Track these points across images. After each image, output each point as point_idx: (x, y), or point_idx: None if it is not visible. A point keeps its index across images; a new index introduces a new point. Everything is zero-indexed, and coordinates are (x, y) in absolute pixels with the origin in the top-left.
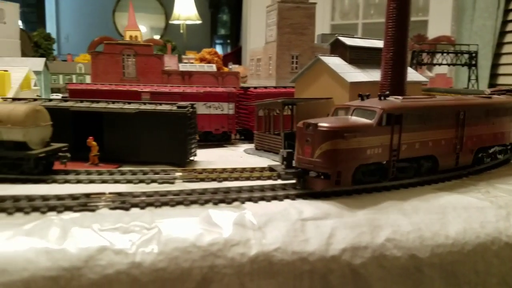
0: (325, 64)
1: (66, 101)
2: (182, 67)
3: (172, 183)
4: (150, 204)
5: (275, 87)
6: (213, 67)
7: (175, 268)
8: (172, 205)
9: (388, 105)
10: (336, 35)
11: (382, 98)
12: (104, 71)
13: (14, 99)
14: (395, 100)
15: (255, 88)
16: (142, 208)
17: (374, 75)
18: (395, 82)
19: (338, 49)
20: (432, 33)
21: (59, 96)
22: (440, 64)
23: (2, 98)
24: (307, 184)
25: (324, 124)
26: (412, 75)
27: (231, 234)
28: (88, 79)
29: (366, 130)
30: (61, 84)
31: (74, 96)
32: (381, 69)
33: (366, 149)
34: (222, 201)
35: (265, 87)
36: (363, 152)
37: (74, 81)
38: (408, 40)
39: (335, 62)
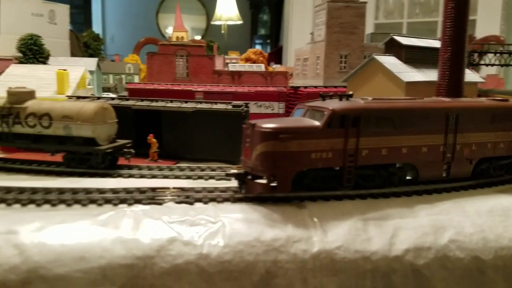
0: (380, 64)
1: (127, 99)
2: (232, 67)
3: (229, 179)
4: (212, 200)
5: (325, 87)
6: (261, 67)
7: (240, 261)
8: (233, 201)
9: (342, 107)
10: (391, 34)
11: (344, 98)
12: (158, 71)
13: (78, 97)
14: (357, 101)
15: (305, 87)
16: (205, 203)
17: (430, 75)
18: (452, 83)
19: (392, 48)
20: (480, 32)
21: (109, 95)
22: (492, 65)
23: (67, 96)
24: (247, 188)
25: (261, 124)
26: (469, 75)
27: (293, 231)
28: (136, 78)
29: (310, 133)
30: (111, 84)
31: (133, 95)
32: (438, 69)
33: (309, 152)
34: (284, 199)
35: (315, 87)
36: (305, 156)
37: (124, 81)
38: (466, 40)
39: (390, 62)
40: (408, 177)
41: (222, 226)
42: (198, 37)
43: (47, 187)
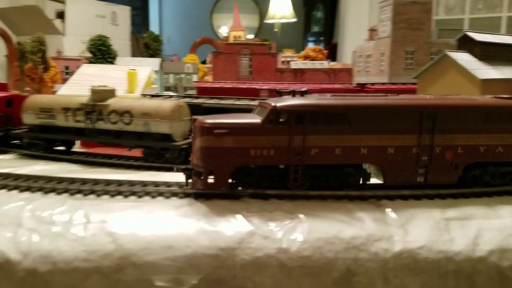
0: (453, 60)
1: (197, 98)
2: (294, 65)
3: None
4: (287, 196)
5: (393, 83)
6: (324, 64)
7: (320, 257)
8: (308, 198)
9: (285, 103)
10: (463, 30)
11: (297, 95)
12: (223, 70)
13: (153, 96)
14: (310, 97)
15: (373, 84)
16: (280, 198)
17: (506, 72)
18: None
19: (466, 44)
20: None
21: (171, 93)
22: None
23: (142, 94)
24: (192, 183)
25: (201, 120)
26: None
27: (373, 229)
28: (195, 78)
29: (248, 129)
30: (171, 83)
31: (201, 93)
32: None
33: (247, 149)
34: (358, 197)
35: (383, 83)
36: (243, 153)
37: (184, 80)
38: None
39: (464, 58)
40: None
41: (300, 222)
42: (250, 36)
43: (131, 179)
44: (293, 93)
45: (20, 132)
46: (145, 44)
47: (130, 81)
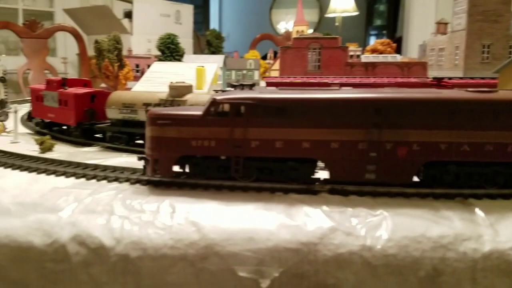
0: None
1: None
2: (365, 59)
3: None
4: (368, 193)
5: (471, 78)
6: (397, 58)
7: (405, 256)
8: (391, 196)
9: (226, 96)
10: None
11: (244, 87)
12: (291, 65)
13: (223, 91)
14: (255, 90)
15: (450, 79)
16: (361, 195)
17: None
18: None
19: None
20: None
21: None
22: None
23: (215, 90)
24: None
25: (151, 110)
26: None
27: (461, 229)
28: (256, 74)
29: (190, 120)
30: (233, 79)
31: None
32: None
33: (189, 140)
34: (444, 195)
35: (461, 78)
36: (185, 143)
37: (246, 77)
38: None
39: None
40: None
41: (384, 220)
42: (310, 31)
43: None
44: (241, 86)
45: (103, 126)
46: (207, 42)
47: (199, 77)
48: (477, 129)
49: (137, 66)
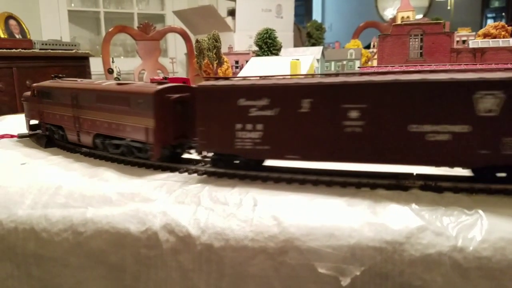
0: None
1: None
2: (473, 44)
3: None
4: (464, 190)
5: None
6: (509, 42)
7: (501, 259)
8: (490, 193)
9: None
10: None
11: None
12: (390, 53)
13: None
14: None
15: None
16: (456, 192)
17: None
18: None
19: None
20: None
21: None
22: None
23: None
24: None
25: None
26: None
27: None
28: (357, 64)
29: (28, 98)
30: (332, 71)
31: None
32: None
33: (39, 111)
34: None
35: None
36: (39, 114)
37: (346, 67)
38: None
39: None
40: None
41: (479, 219)
42: (419, 16)
43: (292, 167)
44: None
45: None
46: (308, 33)
47: (293, 71)
48: (114, 112)
49: (237, 62)
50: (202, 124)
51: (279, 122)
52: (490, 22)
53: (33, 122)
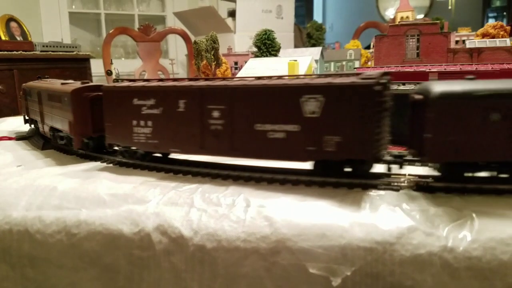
0: None
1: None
2: (469, 44)
3: None
4: (455, 190)
5: None
6: (506, 42)
7: (491, 259)
8: (482, 193)
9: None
10: None
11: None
12: (387, 54)
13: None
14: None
15: None
16: (447, 192)
17: None
18: None
19: None
20: None
21: None
22: None
23: None
24: None
25: None
26: None
27: None
28: (357, 64)
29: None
30: (332, 71)
31: None
32: None
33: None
34: None
35: None
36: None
37: (345, 68)
38: None
39: None
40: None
41: (470, 219)
42: (420, 16)
43: (286, 167)
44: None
45: None
46: (308, 34)
47: (291, 71)
48: (54, 108)
49: (236, 63)
50: (108, 120)
51: (163, 120)
52: (491, 21)
53: (29, 119)
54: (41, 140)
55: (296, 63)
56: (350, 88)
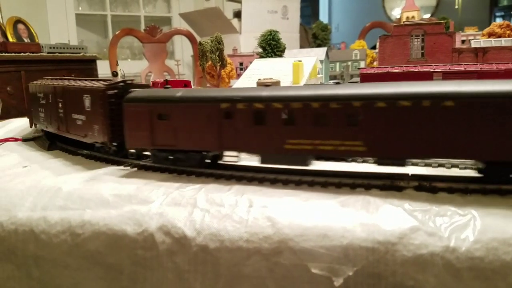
0: None
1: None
2: (475, 43)
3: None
4: (458, 190)
5: None
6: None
7: (494, 259)
8: (484, 193)
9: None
10: None
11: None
12: (391, 54)
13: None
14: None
15: None
16: (450, 193)
17: None
18: None
19: None
20: None
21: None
22: None
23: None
24: None
25: None
26: None
27: None
28: (362, 64)
29: None
30: (337, 72)
31: (365, 80)
32: None
33: None
34: None
35: None
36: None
37: (350, 68)
38: None
39: None
40: None
41: (472, 220)
42: (427, 16)
43: (290, 168)
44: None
45: None
46: (314, 34)
47: (295, 72)
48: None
49: (241, 64)
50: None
51: (51, 109)
52: (499, 20)
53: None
54: (47, 141)
55: (300, 63)
56: (95, 91)
